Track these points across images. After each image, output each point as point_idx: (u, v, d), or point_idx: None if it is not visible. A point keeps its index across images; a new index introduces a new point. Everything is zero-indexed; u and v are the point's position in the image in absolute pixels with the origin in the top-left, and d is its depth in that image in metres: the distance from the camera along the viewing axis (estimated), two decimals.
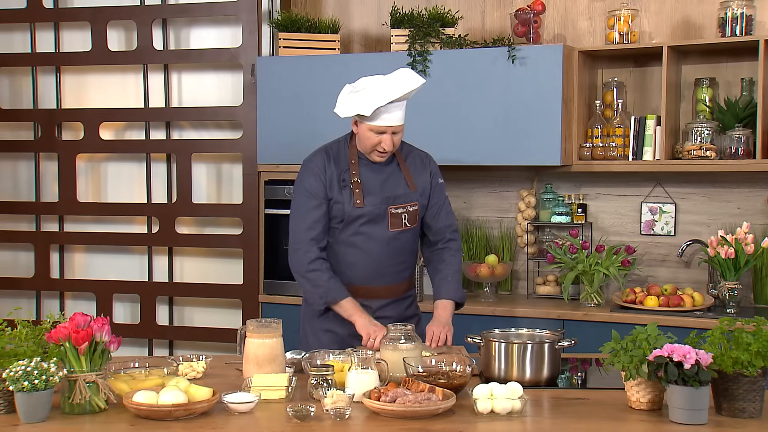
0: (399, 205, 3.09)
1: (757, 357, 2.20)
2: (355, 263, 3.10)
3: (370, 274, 3.11)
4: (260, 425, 2.24)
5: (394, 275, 3.15)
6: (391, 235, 3.10)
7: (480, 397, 2.30)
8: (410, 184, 3.12)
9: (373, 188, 3.07)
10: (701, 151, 4.04)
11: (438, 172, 3.22)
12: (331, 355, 2.70)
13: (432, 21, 4.34)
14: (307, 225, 3.05)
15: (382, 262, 3.11)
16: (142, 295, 4.98)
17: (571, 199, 4.44)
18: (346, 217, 3.06)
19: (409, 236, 3.15)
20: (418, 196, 3.13)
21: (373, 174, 3.09)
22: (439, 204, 3.19)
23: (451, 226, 3.23)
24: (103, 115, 4.99)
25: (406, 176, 3.12)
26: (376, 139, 3.00)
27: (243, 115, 4.76)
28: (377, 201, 3.07)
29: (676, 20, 4.31)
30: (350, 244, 3.09)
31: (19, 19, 5.08)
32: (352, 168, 3.08)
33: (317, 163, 3.10)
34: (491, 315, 4.06)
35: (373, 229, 3.08)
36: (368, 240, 3.08)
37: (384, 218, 3.08)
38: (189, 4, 4.87)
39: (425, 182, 3.16)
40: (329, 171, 3.07)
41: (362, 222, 3.07)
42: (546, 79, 4.10)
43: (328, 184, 3.06)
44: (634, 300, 4.02)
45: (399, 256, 3.13)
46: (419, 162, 3.18)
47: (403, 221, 3.10)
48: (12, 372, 2.21)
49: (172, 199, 4.97)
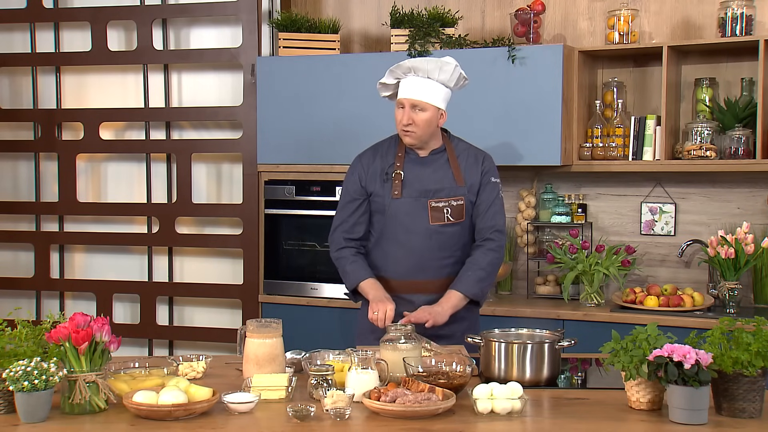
0: (441, 198, 3.10)
1: (757, 357, 2.20)
2: (397, 257, 3.14)
3: (412, 268, 3.12)
4: (260, 425, 2.24)
5: (438, 270, 3.14)
6: (433, 229, 3.10)
7: (480, 397, 2.30)
8: (457, 179, 3.12)
9: (414, 181, 3.11)
10: (701, 151, 4.04)
11: (492, 171, 3.19)
12: (331, 355, 2.70)
13: (432, 21, 4.34)
14: (339, 219, 3.23)
15: (424, 256, 3.12)
16: (142, 295, 4.98)
17: (571, 199, 4.44)
18: (387, 209, 3.12)
19: (455, 231, 3.13)
20: (465, 191, 3.13)
21: (418, 167, 3.13)
22: (487, 203, 3.15)
23: (494, 226, 3.16)
24: (103, 115, 4.99)
25: (454, 170, 3.13)
26: (398, 114, 3.07)
27: (243, 115, 4.76)
28: (416, 194, 3.10)
29: (676, 20, 4.31)
30: (393, 237, 3.14)
31: (19, 19, 5.08)
32: (397, 161, 3.14)
33: (362, 160, 3.22)
34: (491, 315, 4.06)
35: (413, 222, 3.10)
36: (409, 233, 3.11)
37: (424, 211, 3.10)
38: (189, 4, 4.87)
39: (475, 178, 3.15)
40: (373, 166, 3.17)
41: (403, 214, 3.10)
42: (546, 79, 4.10)
43: (369, 179, 3.16)
44: (634, 300, 4.02)
45: (443, 250, 3.13)
46: (473, 158, 3.18)
47: (445, 215, 3.10)
48: (12, 372, 2.21)
49: (172, 199, 4.97)
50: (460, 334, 3.08)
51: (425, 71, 3.04)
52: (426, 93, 3.04)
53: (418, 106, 3.04)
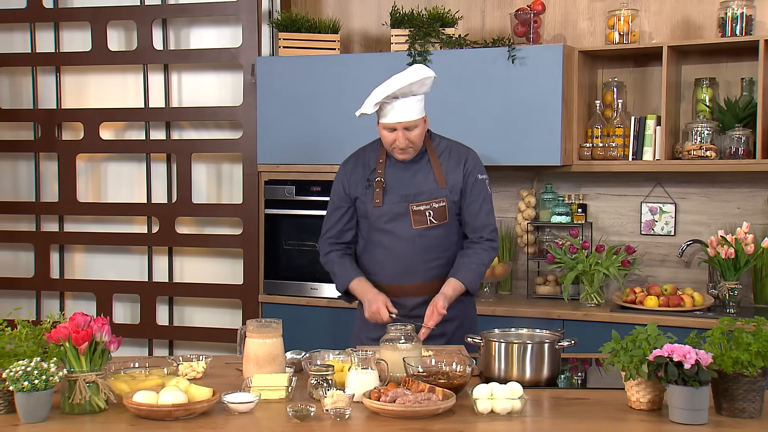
0: (422, 201, 3.10)
1: (757, 357, 2.20)
2: (383, 262, 3.15)
3: (399, 272, 3.13)
4: (260, 425, 2.24)
5: (424, 273, 3.14)
6: (416, 233, 3.11)
7: (480, 397, 2.30)
8: (439, 180, 3.12)
9: (395, 187, 3.12)
10: (701, 151, 4.04)
11: (477, 169, 3.16)
12: (331, 355, 2.70)
13: (432, 21, 4.34)
14: (327, 226, 3.27)
15: (410, 260, 3.12)
16: (142, 295, 4.98)
17: (571, 199, 4.44)
18: (370, 216, 3.14)
19: (439, 233, 3.13)
20: (447, 192, 3.12)
21: (399, 172, 3.14)
22: (478, 201, 3.14)
23: (489, 225, 3.16)
24: (103, 115, 4.99)
25: (435, 172, 3.12)
26: (390, 137, 3.05)
27: (243, 115, 4.76)
28: (397, 199, 3.11)
29: (676, 20, 4.31)
30: (378, 243, 3.15)
31: (19, 19, 5.08)
32: (378, 167, 3.15)
33: (345, 167, 3.25)
34: (491, 315, 4.06)
35: (397, 227, 3.11)
36: (394, 238, 3.12)
37: (406, 216, 3.10)
38: (189, 4, 4.87)
39: (457, 178, 3.13)
40: (356, 173, 3.19)
41: (385, 220, 3.12)
42: (546, 79, 4.10)
43: (353, 186, 3.18)
44: (634, 300, 4.02)
45: (428, 253, 3.13)
46: (455, 158, 3.15)
47: (427, 218, 3.10)
48: (12, 372, 2.21)
49: (172, 199, 4.97)
50: (452, 332, 3.09)
51: (410, 92, 3.00)
52: (414, 111, 3.02)
53: (410, 127, 3.03)
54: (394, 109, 3.00)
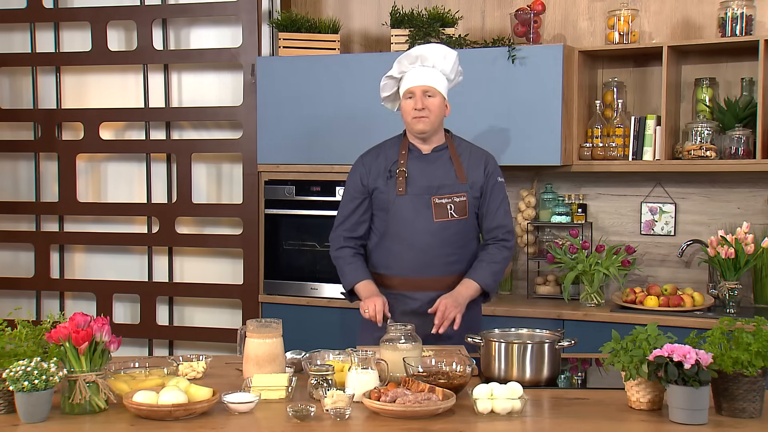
0: (444, 195, 3.12)
1: (757, 357, 2.20)
2: (401, 254, 3.15)
3: (418, 265, 3.13)
4: (260, 425, 2.24)
5: (443, 267, 3.15)
6: (437, 226, 3.12)
7: (480, 397, 2.30)
8: (459, 176, 3.15)
9: (418, 178, 3.14)
10: (701, 151, 4.04)
11: (497, 171, 3.23)
12: (331, 355, 2.70)
13: (432, 21, 4.34)
14: (341, 217, 3.27)
15: (429, 253, 3.13)
16: (142, 295, 4.98)
17: (571, 199, 4.44)
18: (390, 206, 3.14)
19: (460, 228, 3.15)
20: (467, 188, 3.15)
21: (421, 164, 3.16)
22: (497, 203, 3.19)
23: (505, 226, 3.20)
24: (103, 115, 4.99)
25: (456, 167, 3.16)
26: (410, 104, 3.11)
27: (243, 115, 4.76)
28: (419, 190, 3.13)
29: (676, 20, 4.31)
30: (396, 235, 3.15)
31: (19, 19, 5.08)
32: (401, 158, 3.17)
33: (364, 159, 3.27)
34: (491, 315, 4.06)
35: (417, 219, 3.12)
36: (414, 230, 3.12)
37: (428, 208, 3.12)
38: (189, 4, 4.87)
39: (478, 177, 3.17)
40: (377, 164, 3.21)
41: (406, 212, 3.12)
42: (546, 79, 4.10)
43: (372, 177, 3.19)
44: (634, 300, 4.02)
45: (448, 247, 3.14)
46: (476, 157, 3.21)
47: (449, 212, 3.12)
48: (12, 372, 2.21)
49: (172, 199, 4.97)
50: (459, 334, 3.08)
51: (432, 60, 3.11)
52: (434, 80, 3.11)
53: (429, 92, 3.10)
54: (415, 75, 3.10)
